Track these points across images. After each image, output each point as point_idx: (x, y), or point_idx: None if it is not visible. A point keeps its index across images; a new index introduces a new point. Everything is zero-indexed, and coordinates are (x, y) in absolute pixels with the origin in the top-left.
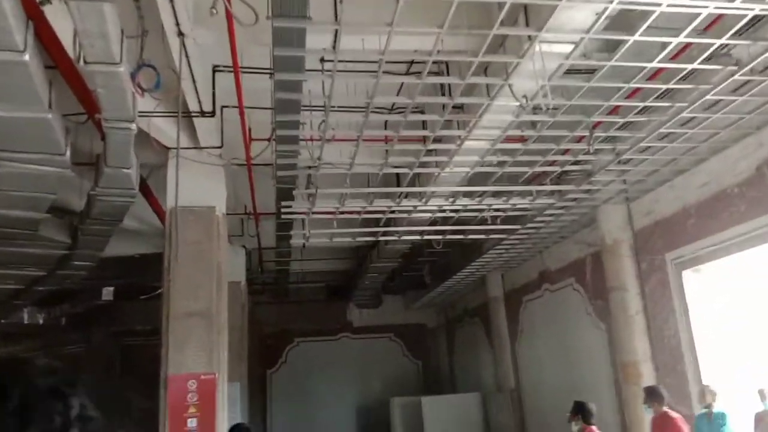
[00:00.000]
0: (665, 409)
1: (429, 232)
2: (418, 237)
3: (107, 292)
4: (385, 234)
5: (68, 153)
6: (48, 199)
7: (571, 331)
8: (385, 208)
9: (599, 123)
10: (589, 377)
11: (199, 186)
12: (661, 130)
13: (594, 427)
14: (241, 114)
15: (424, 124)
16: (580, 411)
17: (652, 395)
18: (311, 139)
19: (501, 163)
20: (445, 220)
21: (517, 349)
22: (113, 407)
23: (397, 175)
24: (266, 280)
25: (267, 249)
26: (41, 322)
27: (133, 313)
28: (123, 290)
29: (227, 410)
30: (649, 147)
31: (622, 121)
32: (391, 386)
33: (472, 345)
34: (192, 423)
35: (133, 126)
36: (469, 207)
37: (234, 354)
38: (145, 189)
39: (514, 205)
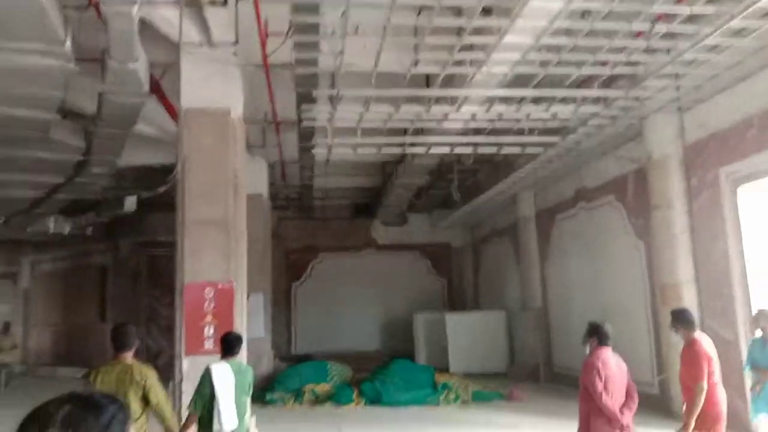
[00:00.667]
0: (695, 336)
1: (459, 144)
2: (447, 149)
3: (130, 202)
4: (412, 146)
5: (68, 44)
6: (54, 98)
7: (605, 251)
8: (413, 116)
9: (662, 15)
10: (622, 299)
11: (212, 86)
12: (733, 24)
13: (607, 349)
14: (256, 1)
15: (459, 12)
16: (596, 333)
17: (679, 319)
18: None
19: (544, 63)
20: (477, 133)
21: (546, 269)
22: (140, 316)
23: (427, 77)
24: (290, 196)
25: (290, 163)
26: (67, 231)
27: (157, 224)
28: (147, 202)
29: (247, 319)
30: (716, 46)
31: (689, 11)
32: (414, 303)
33: (498, 264)
34: (209, 331)
35: (135, 10)
36: (505, 116)
37: (257, 266)
38: (159, 92)
39: (555, 114)
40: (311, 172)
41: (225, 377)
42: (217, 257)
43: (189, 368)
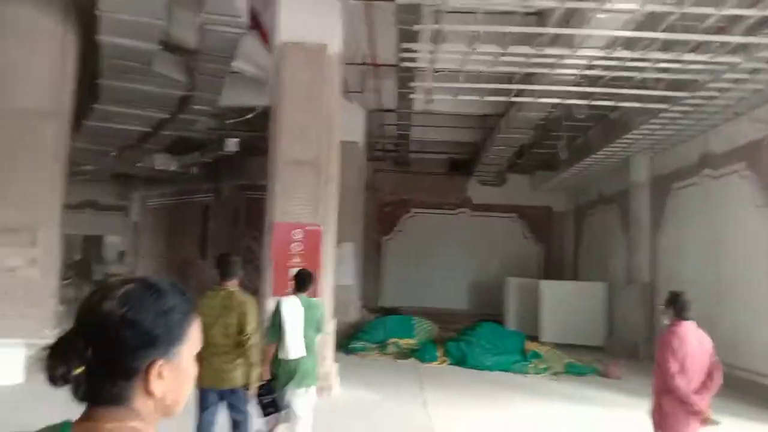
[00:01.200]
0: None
1: (572, 95)
2: (557, 100)
3: (231, 144)
4: (518, 95)
5: None
6: (155, 26)
7: (729, 225)
8: (523, 59)
9: None
10: (744, 279)
11: (310, 20)
12: None
13: (688, 323)
14: None
15: None
16: (673, 303)
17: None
18: None
19: (679, 2)
20: (593, 83)
21: (657, 241)
22: (236, 252)
23: (539, 13)
24: (386, 147)
25: (387, 111)
26: (173, 168)
27: (257, 167)
28: (249, 145)
29: (333, 265)
30: None
31: None
32: (507, 266)
33: (603, 233)
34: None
35: None
36: (627, 63)
37: (349, 215)
38: (259, 27)
39: (686, 64)
40: (408, 121)
41: (294, 310)
42: (307, 199)
43: (274, 305)
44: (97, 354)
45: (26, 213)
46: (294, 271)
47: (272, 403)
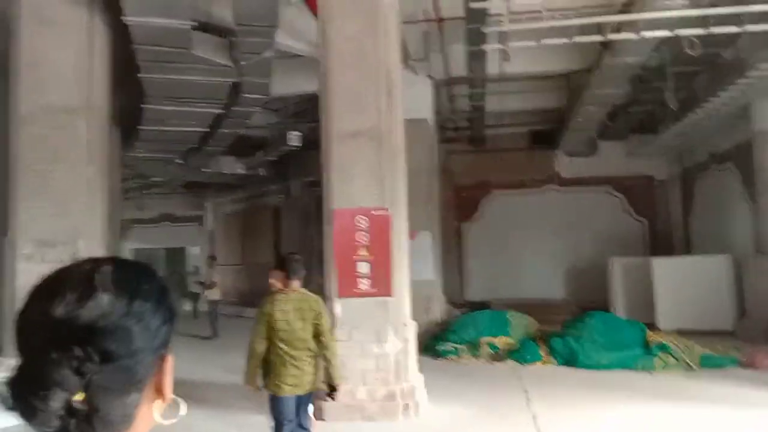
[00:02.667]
0: None
1: (684, 23)
2: (665, 32)
3: (294, 137)
4: (617, 31)
5: None
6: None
7: None
8: None
9: None
10: None
11: None
12: None
13: None
14: None
15: None
16: None
17: None
18: None
19: None
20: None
21: None
22: (311, 256)
23: None
24: (459, 125)
25: (457, 83)
26: (240, 171)
27: None
28: (314, 139)
29: (409, 257)
30: None
31: None
32: (606, 246)
33: (719, 198)
34: (363, 267)
35: None
36: None
37: (422, 201)
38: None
39: None
40: (482, 89)
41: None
42: (369, 177)
43: (342, 313)
44: (106, 365)
45: (62, 223)
46: (363, 265)
47: None
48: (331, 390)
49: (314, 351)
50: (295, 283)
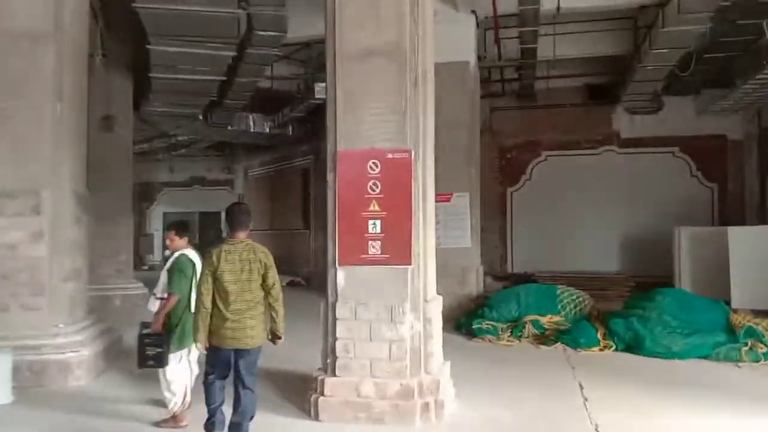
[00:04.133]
0: None
1: None
2: None
3: (321, 89)
4: None
5: None
6: None
7: None
8: None
9: None
10: None
11: None
12: None
13: None
14: None
15: None
16: None
17: None
18: None
19: None
20: None
21: None
22: None
23: None
24: (506, 76)
25: (505, 18)
26: (267, 129)
27: None
28: None
29: (438, 218)
30: None
31: None
32: (669, 214)
33: None
34: (374, 226)
35: None
36: None
37: (461, 159)
38: None
39: None
40: (535, 27)
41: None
42: (386, 110)
43: (345, 284)
44: None
45: (24, 170)
46: (375, 224)
47: (158, 356)
48: (275, 338)
49: (258, 304)
50: (242, 234)
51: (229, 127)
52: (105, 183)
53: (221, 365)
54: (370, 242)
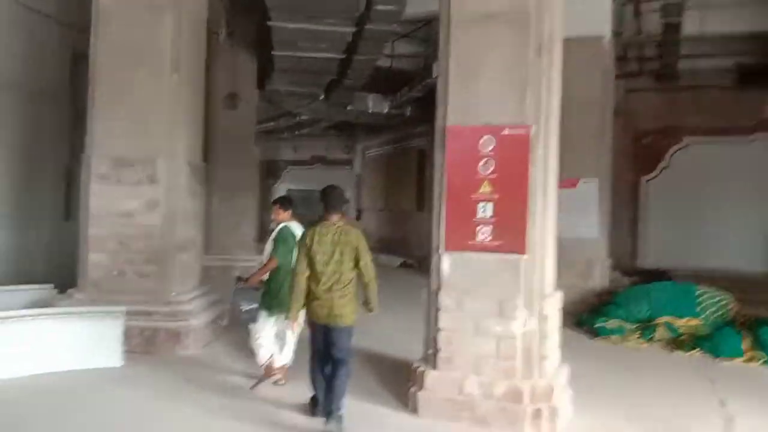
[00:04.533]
0: None
1: None
2: None
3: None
4: None
5: None
6: None
7: None
8: None
9: None
10: None
11: None
12: None
13: None
14: None
15: None
16: None
17: None
18: None
19: None
20: None
21: None
22: None
23: None
24: (644, 54)
25: None
26: (386, 110)
27: None
28: None
29: (555, 201)
30: None
31: None
32: None
33: None
34: (484, 209)
35: None
36: None
37: (589, 141)
38: None
39: None
40: None
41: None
42: (504, 81)
43: (450, 271)
44: None
45: (141, 140)
46: (485, 207)
47: (250, 312)
48: (369, 310)
49: (349, 285)
50: (335, 217)
51: (349, 107)
52: (229, 159)
53: (318, 341)
54: (479, 227)
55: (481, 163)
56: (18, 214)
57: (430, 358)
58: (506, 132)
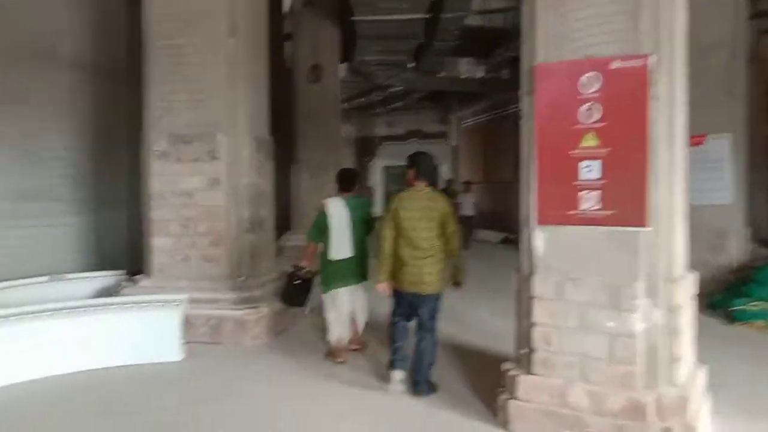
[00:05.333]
0: None
1: None
2: None
3: None
4: None
5: None
6: None
7: None
8: None
9: None
10: None
11: None
12: None
13: None
14: None
15: None
16: None
17: None
18: None
19: None
20: None
21: None
22: None
23: None
24: None
25: None
26: (480, 74)
27: None
28: None
29: (684, 162)
30: None
31: None
32: None
33: None
34: (589, 169)
35: None
36: None
37: (718, 90)
38: None
39: None
40: None
41: (339, 212)
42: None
43: (546, 251)
44: None
45: (198, 112)
46: (590, 166)
47: (301, 296)
48: (456, 285)
49: (436, 251)
50: (423, 183)
51: (441, 74)
52: (314, 135)
53: (403, 307)
54: (582, 193)
55: (584, 108)
56: (94, 197)
57: (524, 360)
58: (616, 65)
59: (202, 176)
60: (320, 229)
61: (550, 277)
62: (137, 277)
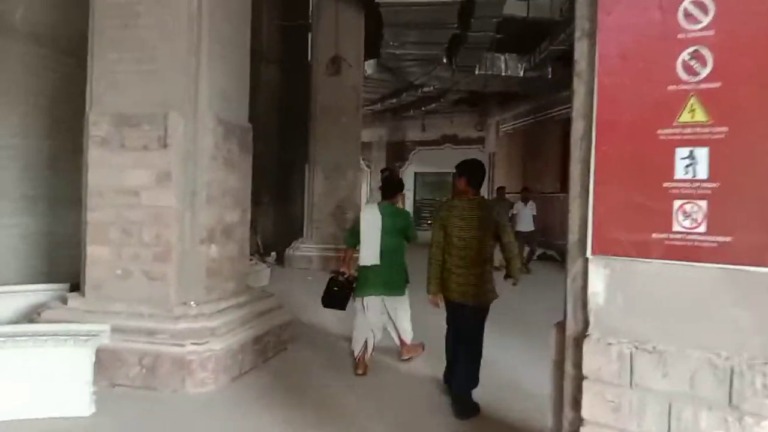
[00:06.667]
0: None
1: None
2: None
3: None
4: None
5: None
6: None
7: None
8: None
9: None
10: None
11: None
12: None
13: None
14: None
15: None
16: None
17: None
18: None
19: None
20: None
21: None
22: None
23: None
24: None
25: None
26: (522, 72)
27: None
28: None
29: None
30: None
31: None
32: None
33: None
34: (692, 163)
35: None
36: None
37: None
38: None
39: None
40: None
41: (371, 218)
42: None
43: (610, 295)
44: None
45: (149, 87)
46: (693, 156)
47: (339, 299)
48: (514, 284)
49: (484, 262)
50: (473, 191)
51: (477, 71)
52: (330, 133)
53: (453, 317)
54: (679, 203)
55: (684, 56)
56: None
57: None
58: None
59: (151, 169)
60: (356, 235)
61: (614, 344)
62: (70, 294)
